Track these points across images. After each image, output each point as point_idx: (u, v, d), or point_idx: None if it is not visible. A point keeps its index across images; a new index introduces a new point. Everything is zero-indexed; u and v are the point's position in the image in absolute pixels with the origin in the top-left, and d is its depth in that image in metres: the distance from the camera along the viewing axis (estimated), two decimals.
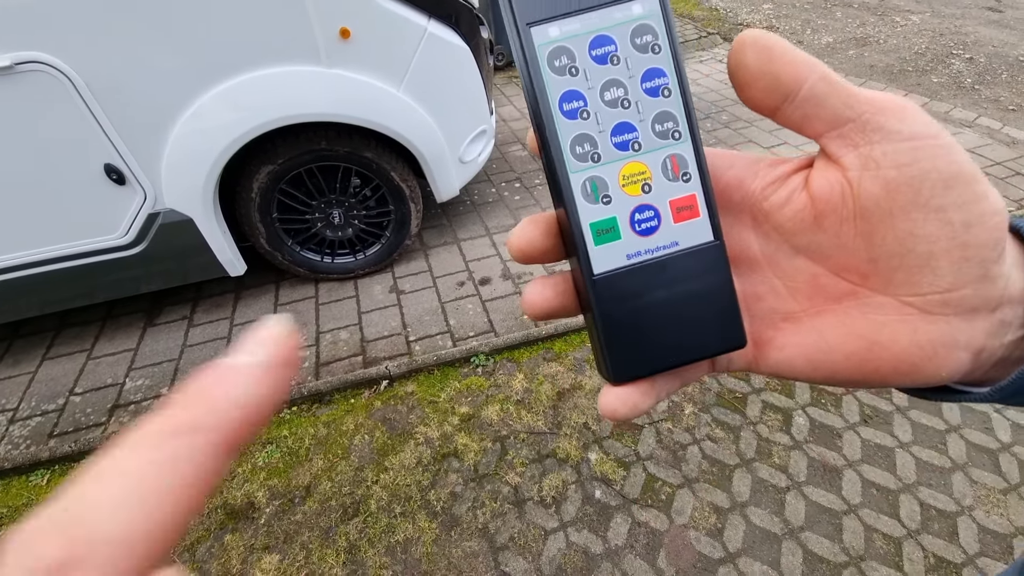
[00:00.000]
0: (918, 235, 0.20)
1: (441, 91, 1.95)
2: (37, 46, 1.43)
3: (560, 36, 0.22)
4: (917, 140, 0.20)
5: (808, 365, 0.24)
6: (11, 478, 1.67)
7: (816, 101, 0.21)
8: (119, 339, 2.12)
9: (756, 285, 0.25)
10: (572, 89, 0.22)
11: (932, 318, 0.21)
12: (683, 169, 0.23)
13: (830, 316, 0.23)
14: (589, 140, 0.23)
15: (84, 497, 0.13)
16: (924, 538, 1.38)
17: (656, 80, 0.23)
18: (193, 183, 1.75)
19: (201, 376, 0.16)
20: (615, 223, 0.23)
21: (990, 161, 2.88)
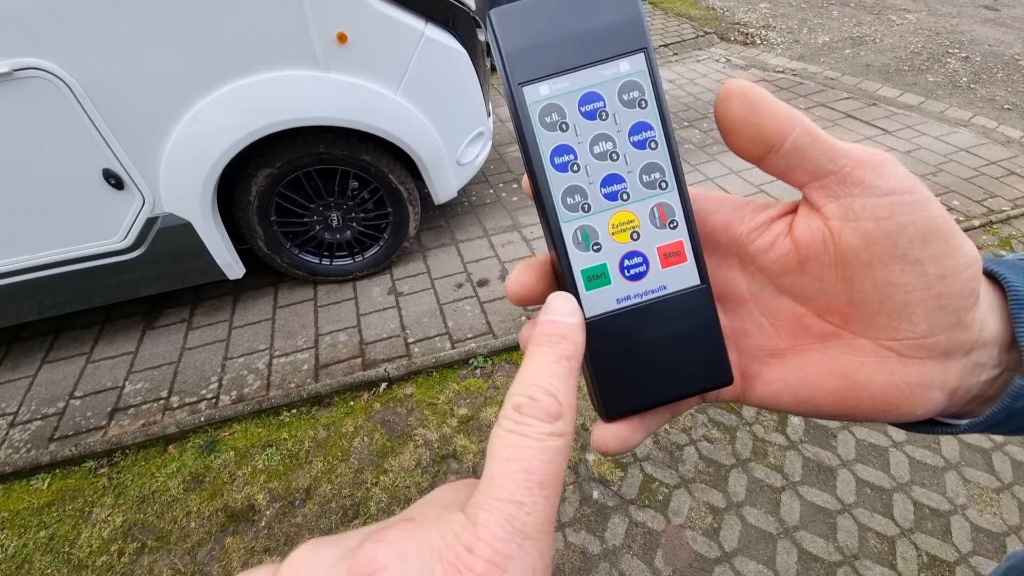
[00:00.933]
0: (895, 284, 0.21)
1: (438, 94, 1.96)
2: (36, 52, 1.43)
3: (551, 94, 0.23)
4: (895, 195, 0.21)
5: (793, 400, 0.25)
6: (12, 482, 1.67)
7: (799, 153, 0.22)
8: (118, 342, 2.12)
9: (743, 321, 0.26)
10: (563, 144, 0.23)
11: (908, 360, 0.22)
12: (670, 217, 0.24)
13: (813, 354, 0.25)
14: (580, 191, 0.24)
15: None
16: (918, 537, 1.40)
17: (643, 133, 0.23)
18: (191, 187, 1.76)
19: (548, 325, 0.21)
20: (605, 269, 0.24)
21: (985, 160, 2.90)
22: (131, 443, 1.72)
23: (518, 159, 3.16)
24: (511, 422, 0.18)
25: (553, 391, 0.19)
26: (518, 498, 0.16)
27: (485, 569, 0.15)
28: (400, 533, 0.16)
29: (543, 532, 0.16)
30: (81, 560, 1.46)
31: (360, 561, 0.15)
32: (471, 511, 0.16)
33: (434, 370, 1.92)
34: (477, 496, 0.17)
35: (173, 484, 1.62)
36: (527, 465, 0.17)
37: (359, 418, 1.78)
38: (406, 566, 0.15)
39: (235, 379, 1.94)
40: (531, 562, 0.15)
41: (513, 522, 0.16)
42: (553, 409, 0.18)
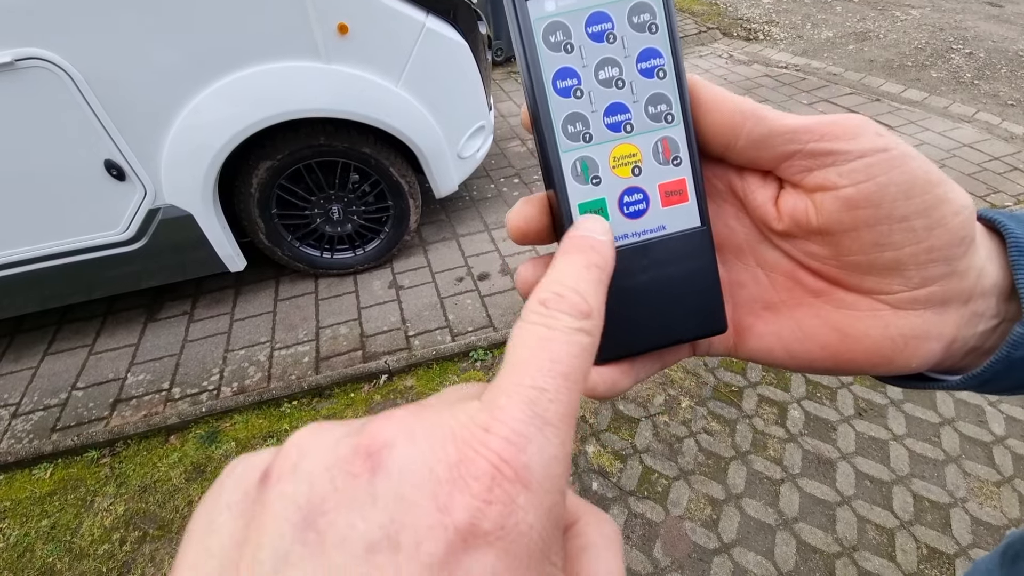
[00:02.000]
0: (883, 244, 0.21)
1: (439, 87, 1.96)
2: (37, 42, 1.44)
3: (556, 11, 0.21)
4: (869, 156, 0.20)
5: (785, 353, 0.25)
6: (14, 471, 1.68)
7: (757, 145, 0.22)
8: (120, 334, 2.13)
9: (739, 273, 0.26)
10: (567, 66, 0.22)
11: (903, 313, 0.22)
12: (674, 153, 0.23)
13: (807, 308, 0.24)
14: (582, 119, 0.22)
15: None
16: (917, 529, 1.40)
17: (652, 61, 0.22)
18: (193, 179, 1.76)
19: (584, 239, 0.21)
20: (604, 204, 0.23)
21: (988, 156, 2.89)
22: (133, 433, 1.73)
23: (519, 154, 3.15)
24: (536, 315, 0.17)
25: (582, 292, 0.18)
26: (541, 384, 0.15)
27: (502, 447, 0.14)
28: (407, 413, 0.15)
29: (565, 422, 0.15)
30: (83, 549, 1.47)
31: (366, 437, 0.14)
32: (489, 396, 0.15)
33: (434, 362, 1.92)
34: (497, 382, 0.16)
35: (175, 474, 1.63)
36: (553, 355, 0.16)
37: (360, 410, 1.79)
38: (414, 442, 0.14)
39: (236, 371, 1.95)
40: (551, 448, 0.14)
41: (535, 407, 0.15)
42: (582, 307, 0.18)
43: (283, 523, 0.13)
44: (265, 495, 0.14)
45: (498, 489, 0.13)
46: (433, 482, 0.13)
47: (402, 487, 0.13)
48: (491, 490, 0.13)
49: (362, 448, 0.14)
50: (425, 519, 0.13)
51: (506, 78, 4.23)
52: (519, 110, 3.68)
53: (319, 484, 0.14)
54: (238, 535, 0.14)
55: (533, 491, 0.14)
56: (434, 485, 0.13)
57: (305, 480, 0.14)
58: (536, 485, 0.14)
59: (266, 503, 0.14)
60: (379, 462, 0.14)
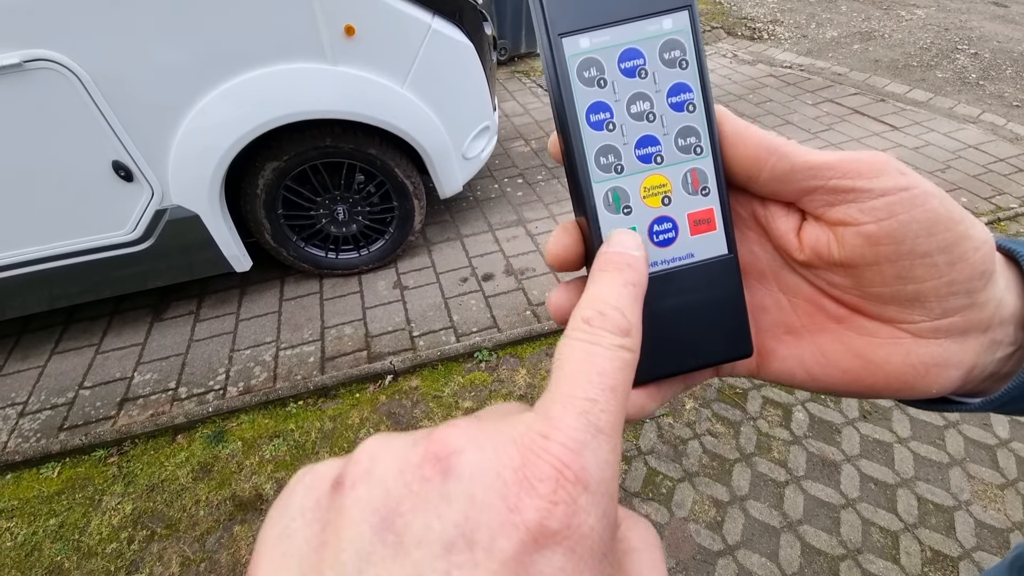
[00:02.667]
0: (905, 278, 0.21)
1: (445, 88, 1.96)
2: (46, 44, 1.44)
3: (590, 48, 0.22)
4: (891, 195, 0.21)
5: (807, 376, 0.25)
6: (22, 470, 1.70)
7: (779, 180, 0.22)
8: (127, 334, 2.14)
9: (763, 297, 0.27)
10: (600, 101, 0.23)
11: (924, 341, 0.22)
12: (703, 183, 0.24)
13: (829, 334, 0.25)
14: (613, 151, 0.23)
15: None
16: (921, 532, 1.40)
17: (682, 95, 0.23)
18: (200, 180, 1.77)
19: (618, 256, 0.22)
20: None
21: (993, 157, 2.88)
22: (140, 433, 1.74)
23: (523, 154, 3.15)
24: (580, 332, 0.18)
25: (621, 310, 0.19)
26: (592, 395, 0.16)
27: (561, 452, 0.15)
28: (470, 423, 0.16)
29: (614, 431, 0.16)
30: (91, 547, 1.48)
31: (434, 443, 0.15)
32: (543, 406, 0.16)
33: (439, 363, 1.93)
34: (547, 394, 0.17)
35: (182, 473, 1.64)
36: (599, 368, 0.17)
37: (365, 410, 1.80)
38: (481, 448, 0.15)
39: (242, 371, 1.96)
40: (604, 454, 0.15)
41: (588, 416, 0.16)
42: (623, 325, 0.19)
43: (362, 525, 0.14)
44: (341, 500, 0.15)
45: (562, 491, 0.14)
46: (501, 484, 0.14)
47: (473, 489, 0.14)
48: (556, 492, 0.14)
49: (431, 453, 0.15)
50: (497, 518, 0.13)
51: (510, 78, 4.23)
52: (523, 110, 3.69)
53: (394, 487, 0.14)
54: (315, 540, 0.14)
55: (592, 493, 0.14)
56: (503, 487, 0.14)
57: (380, 484, 0.15)
58: (594, 487, 0.15)
59: (343, 508, 0.14)
60: (449, 466, 0.14)
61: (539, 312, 2.11)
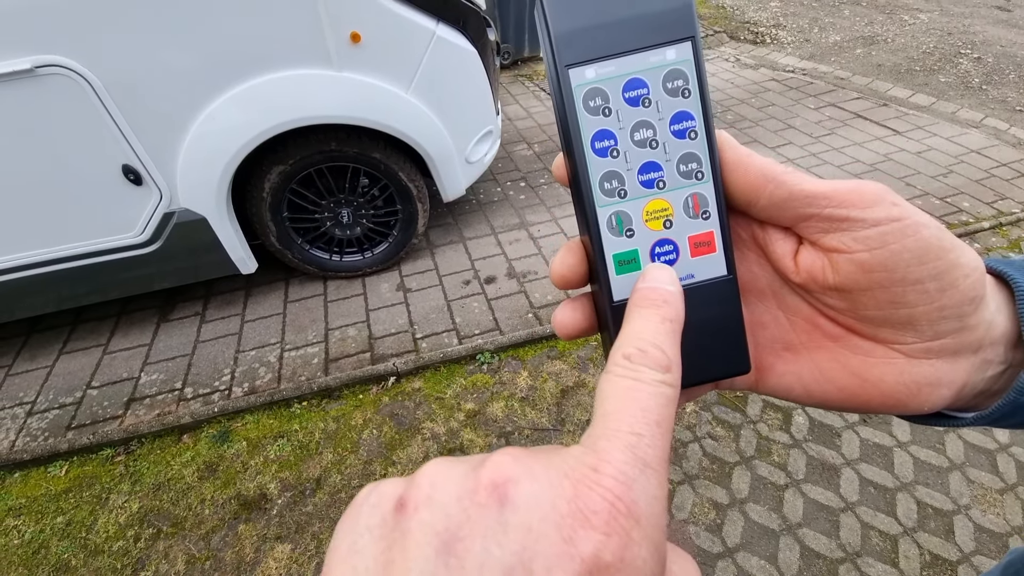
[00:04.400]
0: (898, 303, 0.22)
1: (448, 93, 1.98)
2: (57, 50, 1.47)
3: (596, 78, 0.23)
4: (883, 225, 0.22)
5: (804, 392, 0.27)
6: (30, 469, 1.72)
7: (776, 206, 0.24)
8: (134, 334, 2.17)
9: (762, 315, 0.28)
10: (604, 128, 0.24)
11: (917, 361, 0.23)
12: (703, 207, 0.24)
13: (826, 352, 0.26)
14: (617, 177, 0.24)
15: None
16: (920, 536, 1.41)
17: (684, 123, 0.24)
18: (207, 183, 1.80)
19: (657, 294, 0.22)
20: (636, 255, 0.25)
21: (996, 162, 2.88)
22: (147, 432, 1.76)
23: (526, 158, 3.18)
24: (622, 368, 0.19)
25: (661, 346, 0.20)
26: (638, 430, 0.17)
27: (612, 485, 0.15)
28: (525, 453, 0.17)
29: (661, 465, 0.16)
30: (98, 545, 1.50)
31: (490, 471, 0.16)
32: (590, 441, 0.17)
33: (442, 365, 1.94)
34: (593, 429, 0.17)
35: (188, 472, 1.66)
36: (643, 404, 0.17)
37: (368, 411, 1.81)
38: (535, 479, 0.15)
39: (247, 371, 1.98)
40: (653, 488, 0.16)
41: (635, 450, 0.16)
42: (663, 361, 0.19)
43: (426, 548, 0.15)
44: (405, 523, 0.16)
45: (615, 523, 0.14)
46: (556, 515, 0.14)
47: (529, 518, 0.14)
48: (609, 524, 0.14)
49: (489, 481, 0.15)
50: (553, 549, 0.14)
51: (513, 81, 4.25)
52: (526, 113, 3.71)
53: (454, 513, 0.15)
54: (382, 557, 0.15)
55: (643, 526, 0.15)
56: (558, 518, 0.14)
57: (440, 509, 0.15)
58: (645, 521, 0.15)
59: (407, 530, 0.15)
60: (505, 494, 0.15)
61: (541, 315, 2.12)
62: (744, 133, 3.32)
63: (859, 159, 2.98)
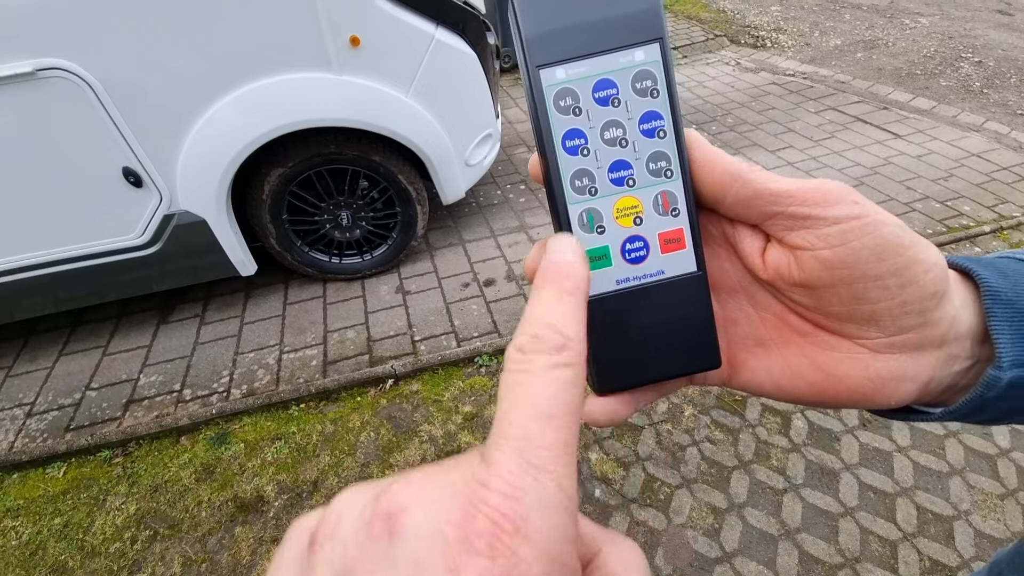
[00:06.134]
0: (860, 299, 0.23)
1: (448, 96, 1.99)
2: (58, 53, 1.48)
3: (566, 79, 0.24)
4: (843, 223, 0.22)
5: (775, 387, 0.27)
6: (28, 470, 1.72)
7: (742, 204, 0.24)
8: (133, 336, 2.17)
9: (733, 311, 0.28)
10: (575, 128, 0.24)
11: (881, 356, 0.24)
12: (673, 205, 0.25)
13: (795, 347, 0.26)
14: (588, 175, 0.24)
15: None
16: (920, 541, 1.40)
17: (653, 122, 0.24)
18: (207, 185, 1.80)
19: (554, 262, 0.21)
20: (607, 251, 0.25)
21: (996, 166, 2.88)
22: (145, 434, 1.76)
23: (525, 160, 3.17)
24: (514, 362, 0.18)
25: (556, 325, 0.19)
26: (527, 432, 0.16)
27: (500, 502, 0.14)
28: (423, 476, 0.16)
29: (559, 463, 0.16)
30: (95, 547, 1.50)
31: (387, 500, 0.16)
32: (485, 451, 0.16)
33: (440, 368, 1.94)
34: (490, 437, 0.17)
35: (185, 474, 1.66)
36: (533, 398, 0.17)
37: (366, 413, 1.81)
38: (428, 506, 0.15)
39: (246, 373, 1.98)
40: (548, 495, 0.15)
41: (525, 455, 0.15)
42: (556, 341, 0.18)
43: None
44: (313, 558, 0.16)
45: (499, 544, 0.14)
46: (443, 543, 0.14)
47: (417, 550, 0.14)
48: (493, 547, 0.14)
49: (382, 511, 0.15)
50: None
51: (513, 84, 4.26)
52: (526, 117, 3.72)
53: (350, 547, 0.15)
54: None
55: (534, 541, 0.14)
56: (444, 546, 0.14)
57: (340, 544, 0.15)
58: (537, 535, 0.14)
59: (313, 565, 0.16)
60: (395, 525, 0.15)
61: None
62: (744, 137, 3.32)
63: (859, 163, 2.98)
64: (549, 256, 0.22)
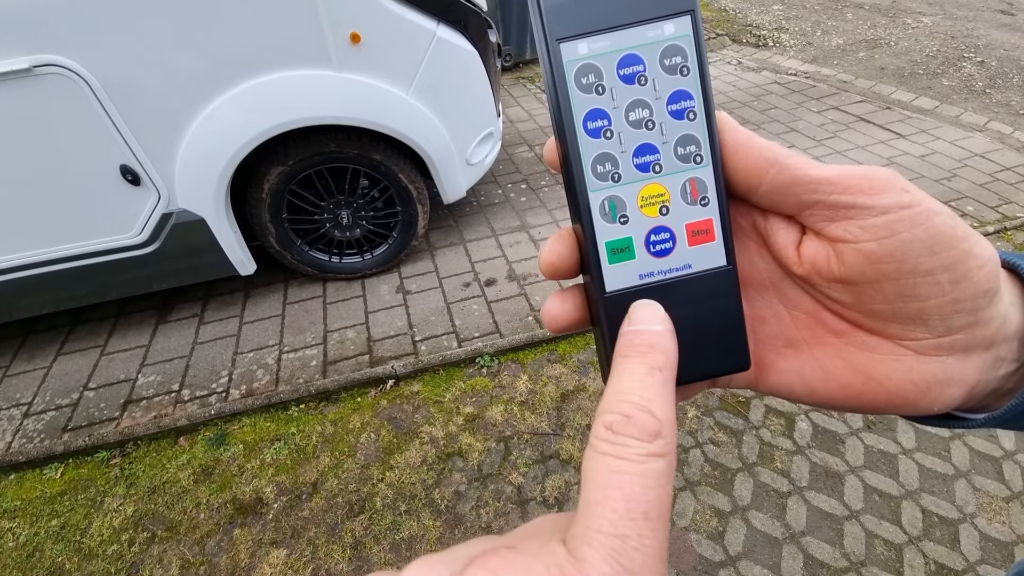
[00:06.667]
0: (908, 296, 0.21)
1: (449, 94, 1.97)
2: (55, 50, 1.46)
3: (589, 54, 0.22)
4: (892, 213, 0.20)
5: (806, 390, 0.25)
6: (25, 471, 1.71)
7: (779, 192, 0.22)
8: (132, 336, 2.16)
9: (762, 309, 0.26)
10: (597, 108, 0.22)
11: (926, 358, 0.22)
12: (702, 193, 0.23)
13: (829, 348, 0.24)
14: (611, 160, 0.23)
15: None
16: (925, 545, 1.39)
17: (682, 103, 0.22)
18: (206, 184, 1.79)
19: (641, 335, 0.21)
20: (631, 243, 0.23)
21: (1000, 166, 2.87)
22: (143, 435, 1.75)
23: (527, 160, 3.16)
24: (604, 443, 0.17)
25: (648, 406, 0.17)
26: (622, 531, 0.15)
27: None
28: (503, 562, 0.15)
29: (652, 567, 0.15)
30: (92, 549, 1.49)
31: None
32: (572, 544, 0.15)
33: (441, 368, 1.93)
34: (577, 527, 0.16)
35: (183, 476, 1.65)
36: (627, 492, 0.16)
37: (366, 414, 1.80)
38: None
39: (245, 374, 1.96)
40: None
41: (619, 558, 0.14)
42: (651, 426, 0.17)
43: None
44: None
45: None
46: None
47: None
48: None
49: None
50: None
51: (514, 83, 4.24)
52: (528, 116, 3.70)
53: None
54: None
55: None
56: None
57: None
58: None
59: None
60: None
61: (541, 318, 2.10)
62: None
63: (862, 162, 2.96)
64: (634, 325, 0.21)
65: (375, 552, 1.43)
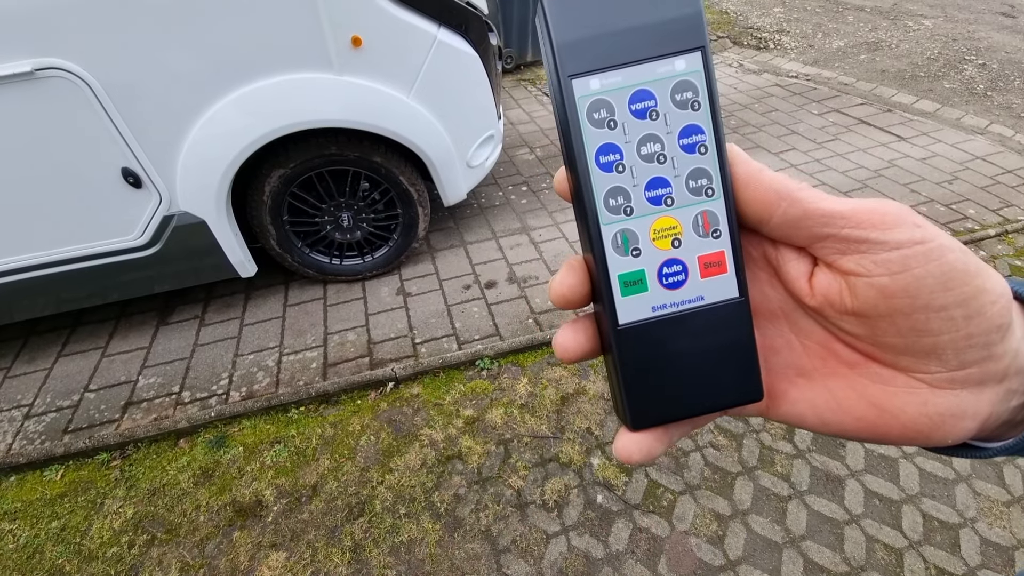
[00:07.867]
0: (921, 330, 0.21)
1: (450, 97, 1.97)
2: (57, 53, 1.47)
3: (601, 89, 0.22)
4: (905, 248, 0.20)
5: (818, 421, 0.25)
6: (25, 473, 1.71)
7: (790, 225, 0.22)
8: (132, 337, 2.16)
9: (774, 338, 0.26)
10: (610, 142, 0.23)
11: (940, 392, 0.22)
12: (714, 226, 0.23)
13: (842, 379, 0.24)
14: (623, 193, 0.23)
15: None
16: (926, 549, 1.38)
17: (693, 137, 0.23)
18: (207, 186, 1.79)
19: None
20: (643, 275, 0.23)
21: (1001, 169, 2.86)
22: (143, 437, 1.75)
23: (528, 162, 3.17)
24: None
25: None
26: None
27: None
28: None
29: None
30: (92, 551, 1.49)
31: None
32: None
33: (441, 371, 1.93)
34: None
35: (183, 478, 1.65)
36: None
37: (366, 417, 1.80)
38: None
39: (245, 376, 1.97)
40: None
41: None
42: None
43: None
44: None
45: None
46: None
47: None
48: None
49: None
50: None
51: (515, 86, 4.25)
52: (528, 118, 3.70)
53: None
54: None
55: None
56: None
57: None
58: None
59: None
60: None
61: (541, 320, 2.11)
62: (747, 139, 3.31)
63: (863, 165, 2.96)
64: None
65: (374, 555, 1.43)
